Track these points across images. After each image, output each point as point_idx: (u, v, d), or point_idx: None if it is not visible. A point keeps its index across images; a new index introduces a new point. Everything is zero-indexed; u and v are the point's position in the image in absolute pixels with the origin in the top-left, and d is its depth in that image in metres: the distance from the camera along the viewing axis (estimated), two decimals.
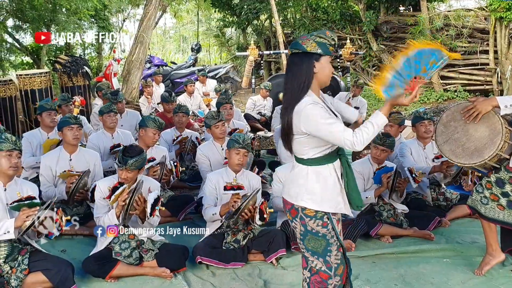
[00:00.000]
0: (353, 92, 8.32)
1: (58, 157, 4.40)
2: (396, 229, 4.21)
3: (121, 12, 17.94)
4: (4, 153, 3.26)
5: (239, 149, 3.93)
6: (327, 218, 2.45)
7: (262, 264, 3.76)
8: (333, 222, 2.46)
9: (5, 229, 3.11)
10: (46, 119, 5.15)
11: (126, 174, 3.55)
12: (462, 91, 11.25)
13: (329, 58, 2.39)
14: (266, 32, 16.21)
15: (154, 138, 4.76)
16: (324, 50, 2.35)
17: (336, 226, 2.48)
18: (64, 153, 4.43)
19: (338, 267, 2.51)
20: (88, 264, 3.47)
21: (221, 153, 4.91)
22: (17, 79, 7.94)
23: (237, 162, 3.94)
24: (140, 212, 3.49)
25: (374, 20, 12.39)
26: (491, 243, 3.44)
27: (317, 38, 2.35)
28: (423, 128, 4.77)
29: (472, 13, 11.41)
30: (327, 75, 2.41)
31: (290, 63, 2.45)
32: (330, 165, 2.45)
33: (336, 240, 2.49)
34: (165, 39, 25.42)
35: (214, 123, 5.04)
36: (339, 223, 2.56)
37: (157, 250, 3.59)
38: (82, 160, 4.46)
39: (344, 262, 2.54)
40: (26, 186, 3.47)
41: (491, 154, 3.09)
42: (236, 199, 3.69)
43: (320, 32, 2.38)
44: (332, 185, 2.45)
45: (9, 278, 3.19)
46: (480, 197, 3.37)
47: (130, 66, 10.29)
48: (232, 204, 3.68)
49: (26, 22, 11.65)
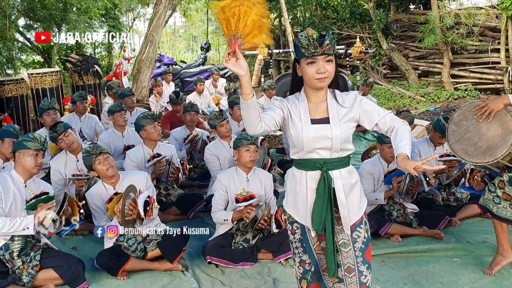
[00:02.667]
0: (362, 91, 8.29)
1: (65, 160, 4.46)
2: (406, 228, 4.19)
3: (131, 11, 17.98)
4: (32, 151, 3.36)
5: (249, 146, 3.88)
6: (297, 226, 2.33)
7: (271, 263, 3.76)
8: (305, 233, 2.30)
9: (25, 225, 3.20)
10: (46, 119, 5.26)
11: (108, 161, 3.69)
12: (473, 90, 11.17)
13: (305, 60, 2.17)
14: (276, 30, 16.19)
15: (155, 131, 4.76)
16: (297, 53, 2.21)
17: (308, 239, 2.30)
18: (71, 155, 4.48)
19: (301, 280, 2.38)
20: (102, 259, 3.53)
21: (229, 151, 4.91)
22: (28, 78, 8.02)
23: (250, 159, 3.88)
24: (136, 216, 3.52)
25: (384, 18, 12.33)
26: (502, 243, 3.42)
27: (296, 41, 2.21)
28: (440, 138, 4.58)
29: (483, 11, 11.30)
30: (309, 78, 2.19)
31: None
32: (304, 173, 2.26)
33: (301, 253, 2.35)
34: (174, 38, 25.49)
35: (218, 123, 5.05)
36: (323, 238, 2.27)
37: (160, 239, 3.64)
38: None
39: (309, 281, 2.35)
40: (43, 185, 3.57)
41: (503, 152, 3.07)
42: (249, 210, 3.69)
43: (302, 33, 2.19)
44: (301, 194, 2.27)
45: (20, 274, 3.24)
46: (493, 196, 3.35)
47: (140, 65, 10.35)
48: (246, 215, 3.68)
49: (37, 21, 11.73)
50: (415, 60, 12.53)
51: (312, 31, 2.16)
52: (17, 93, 7.54)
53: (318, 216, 2.22)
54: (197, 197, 4.85)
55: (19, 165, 3.37)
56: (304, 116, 2.23)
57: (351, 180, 2.28)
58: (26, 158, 3.34)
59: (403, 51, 12.71)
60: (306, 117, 2.23)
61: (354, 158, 6.50)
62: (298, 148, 2.24)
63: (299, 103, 2.26)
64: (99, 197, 3.72)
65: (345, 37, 13.52)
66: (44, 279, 3.27)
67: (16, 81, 7.66)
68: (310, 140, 2.19)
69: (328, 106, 2.26)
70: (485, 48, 10.96)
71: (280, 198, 4.99)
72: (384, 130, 2.29)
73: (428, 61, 12.32)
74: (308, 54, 2.15)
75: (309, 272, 2.35)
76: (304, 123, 2.21)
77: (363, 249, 2.31)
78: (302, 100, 2.27)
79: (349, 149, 2.28)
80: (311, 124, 2.21)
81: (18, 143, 3.43)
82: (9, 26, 10.09)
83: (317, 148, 2.21)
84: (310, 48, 2.14)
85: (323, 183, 2.21)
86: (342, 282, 2.29)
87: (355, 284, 2.28)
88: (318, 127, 2.21)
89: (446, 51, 11.35)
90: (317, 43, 2.14)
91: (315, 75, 2.17)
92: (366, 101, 2.32)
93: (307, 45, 2.14)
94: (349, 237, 2.28)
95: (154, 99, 9.32)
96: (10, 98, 7.45)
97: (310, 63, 2.17)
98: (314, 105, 2.26)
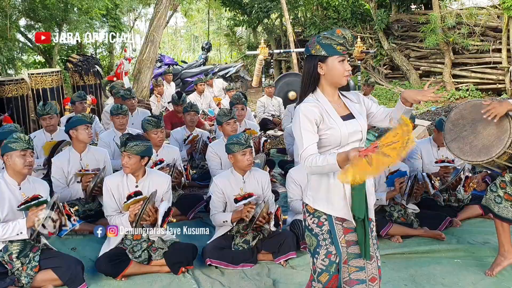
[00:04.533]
0: (363, 91, 8.28)
1: (68, 157, 4.43)
2: (407, 229, 4.17)
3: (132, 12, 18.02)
4: (18, 152, 3.31)
5: (244, 150, 3.81)
6: (324, 219, 2.42)
7: (271, 264, 3.75)
8: (333, 226, 2.40)
9: (18, 230, 3.18)
10: (43, 123, 5.33)
11: (127, 160, 3.56)
12: (474, 90, 11.16)
13: (338, 58, 2.32)
14: (277, 31, 16.20)
15: (158, 137, 4.78)
16: (329, 51, 2.32)
17: (336, 232, 2.40)
18: (74, 152, 4.45)
19: (322, 273, 2.45)
20: (101, 264, 3.49)
21: None
22: (29, 78, 8.01)
23: (247, 163, 3.83)
24: (152, 222, 3.48)
25: (385, 18, 12.33)
26: (503, 244, 3.41)
27: (322, 40, 2.33)
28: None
29: (485, 11, 11.29)
30: (337, 75, 2.35)
31: (303, 66, 2.51)
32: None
33: (328, 245, 2.42)
34: (175, 38, 25.54)
35: (226, 120, 5.04)
36: (347, 232, 2.41)
37: (167, 248, 3.60)
38: (92, 159, 4.49)
39: (332, 272, 2.44)
40: (39, 184, 3.53)
41: (498, 151, 3.07)
42: (249, 209, 3.67)
43: (329, 32, 2.34)
44: (333, 187, 2.37)
45: (19, 275, 3.23)
46: (494, 196, 3.36)
47: (141, 65, 10.34)
48: (246, 214, 3.67)
49: (38, 22, 11.76)
50: (416, 60, 12.52)
51: (344, 31, 2.32)
52: (17, 93, 7.52)
53: (360, 204, 2.36)
54: (197, 198, 4.84)
55: (9, 168, 3.34)
56: (334, 115, 2.37)
57: None
58: (14, 159, 3.30)
59: (404, 51, 12.70)
60: (336, 115, 2.37)
61: None
62: (333, 145, 2.36)
63: (323, 104, 2.38)
64: (118, 186, 3.65)
65: None
66: (43, 280, 3.26)
67: (16, 81, 7.64)
68: (346, 135, 2.35)
69: (344, 103, 2.45)
70: (486, 48, 10.95)
71: (280, 198, 4.98)
72: (382, 118, 2.55)
73: (430, 61, 12.31)
74: (344, 52, 2.32)
75: (334, 264, 2.44)
76: (338, 121, 2.36)
77: (376, 237, 2.52)
78: (323, 100, 2.40)
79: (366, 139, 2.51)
80: (343, 121, 2.37)
81: (3, 147, 3.36)
82: (10, 26, 10.10)
83: (351, 141, 2.38)
84: (347, 46, 2.32)
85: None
86: (362, 270, 2.41)
87: (375, 269, 2.44)
88: (349, 122, 2.38)
89: (448, 51, 11.34)
90: (352, 42, 2.34)
91: (345, 72, 2.35)
92: (365, 98, 2.60)
93: (344, 43, 2.31)
94: (370, 226, 2.44)
95: (155, 99, 9.32)
96: (11, 98, 7.43)
97: (341, 61, 2.34)
98: (335, 104, 2.42)
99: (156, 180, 3.74)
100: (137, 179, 3.69)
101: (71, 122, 4.46)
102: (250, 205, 3.68)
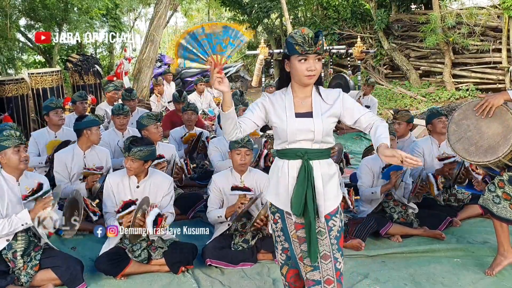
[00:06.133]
0: (364, 90, 8.29)
1: (72, 154, 4.45)
2: (406, 229, 4.17)
3: (132, 11, 18.03)
4: (12, 149, 3.31)
5: (239, 149, 3.85)
6: (278, 216, 2.48)
7: (271, 263, 3.75)
8: (284, 221, 2.44)
9: (23, 221, 3.21)
10: (53, 118, 5.18)
11: (130, 164, 3.58)
12: (474, 90, 11.15)
13: (297, 57, 2.30)
14: (277, 30, 16.21)
15: (157, 132, 4.78)
16: (289, 50, 2.32)
17: (287, 226, 2.43)
18: (79, 150, 4.48)
19: (283, 266, 2.58)
20: (100, 263, 3.49)
21: None
22: (29, 78, 8.02)
23: (240, 162, 3.86)
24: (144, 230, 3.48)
25: (385, 18, 12.33)
26: (502, 243, 3.41)
27: (288, 38, 2.33)
28: (441, 124, 4.59)
29: (485, 11, 11.28)
30: (297, 75, 2.34)
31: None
32: (286, 162, 2.41)
33: (283, 241, 2.51)
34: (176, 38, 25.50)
35: None
36: (299, 227, 2.40)
37: (166, 247, 3.60)
38: (95, 157, 4.52)
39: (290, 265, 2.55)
40: (37, 178, 3.53)
41: (505, 151, 3.07)
42: (243, 201, 3.69)
43: (295, 31, 2.32)
44: (282, 179, 2.42)
45: (19, 274, 3.23)
46: (492, 196, 3.34)
47: (141, 65, 10.36)
48: (239, 206, 3.68)
49: (38, 21, 11.78)
50: (416, 60, 12.52)
51: (307, 30, 2.29)
52: (17, 93, 7.53)
53: (297, 200, 2.34)
54: (197, 197, 4.84)
55: (5, 165, 3.34)
56: (289, 110, 2.39)
57: (329, 171, 2.43)
58: (9, 157, 3.30)
59: (404, 51, 12.70)
60: (291, 110, 2.39)
61: (355, 158, 6.49)
62: (282, 139, 2.41)
63: (285, 97, 2.43)
64: (119, 185, 3.67)
65: (346, 37, 13.52)
66: (42, 279, 3.26)
67: (16, 80, 7.65)
68: (293, 132, 2.35)
69: (312, 102, 2.41)
70: (486, 48, 10.95)
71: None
72: (363, 127, 2.42)
73: (430, 61, 12.31)
74: (302, 51, 2.28)
75: (291, 259, 2.51)
76: (289, 116, 2.38)
77: (338, 237, 2.43)
78: (288, 94, 2.43)
79: (330, 142, 2.44)
80: (296, 118, 2.38)
81: None
82: (10, 26, 10.10)
83: (300, 139, 2.37)
84: (305, 46, 2.27)
85: (303, 171, 2.35)
86: (316, 270, 2.38)
87: (331, 270, 2.38)
88: (302, 120, 2.37)
89: (448, 51, 11.34)
90: (312, 42, 2.28)
91: (306, 72, 2.32)
92: (348, 99, 2.46)
93: (302, 43, 2.27)
94: (325, 225, 2.41)
95: (155, 98, 9.32)
96: (11, 97, 7.44)
97: (301, 60, 2.31)
98: (299, 100, 2.42)
99: (157, 181, 3.75)
100: (139, 180, 3.70)
101: (85, 122, 4.46)
102: (244, 198, 3.71)
